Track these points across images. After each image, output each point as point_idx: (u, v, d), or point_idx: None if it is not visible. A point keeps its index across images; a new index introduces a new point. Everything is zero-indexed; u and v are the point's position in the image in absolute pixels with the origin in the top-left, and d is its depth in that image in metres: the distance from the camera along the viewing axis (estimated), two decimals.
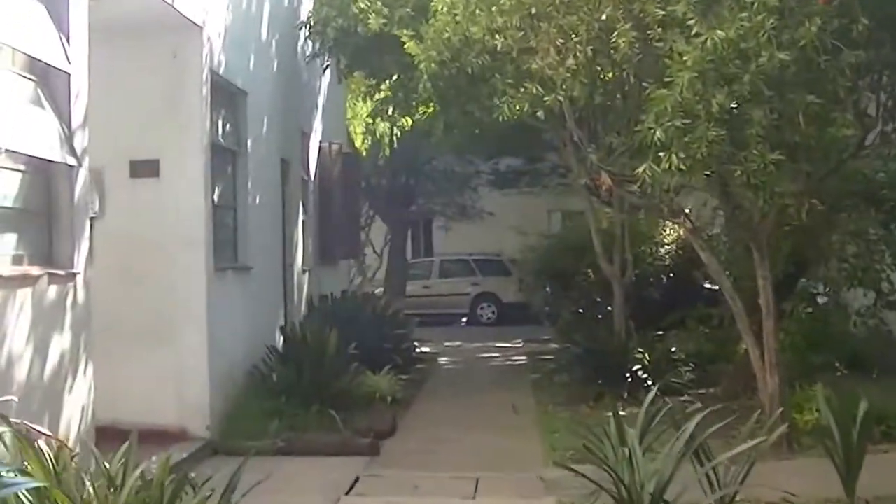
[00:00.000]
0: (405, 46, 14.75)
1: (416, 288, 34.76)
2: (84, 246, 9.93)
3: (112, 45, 12.67)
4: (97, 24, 12.33)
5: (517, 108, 13.28)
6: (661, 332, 17.76)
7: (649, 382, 16.23)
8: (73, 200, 9.76)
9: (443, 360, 23.40)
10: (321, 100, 20.81)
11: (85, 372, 9.90)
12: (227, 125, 14.67)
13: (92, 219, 12.62)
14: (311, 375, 14.41)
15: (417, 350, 20.94)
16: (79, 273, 9.75)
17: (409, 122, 30.50)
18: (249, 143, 15.17)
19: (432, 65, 14.24)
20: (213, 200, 13.64)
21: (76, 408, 9.62)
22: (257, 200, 15.50)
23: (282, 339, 15.67)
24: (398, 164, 28.89)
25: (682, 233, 20.09)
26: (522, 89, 12.73)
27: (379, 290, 28.73)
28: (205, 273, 12.90)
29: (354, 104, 29.81)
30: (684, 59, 9.69)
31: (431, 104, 17.78)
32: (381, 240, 36.45)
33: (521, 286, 34.43)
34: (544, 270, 20.92)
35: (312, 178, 19.69)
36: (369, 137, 32.56)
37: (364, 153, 31.97)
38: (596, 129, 14.40)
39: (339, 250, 20.56)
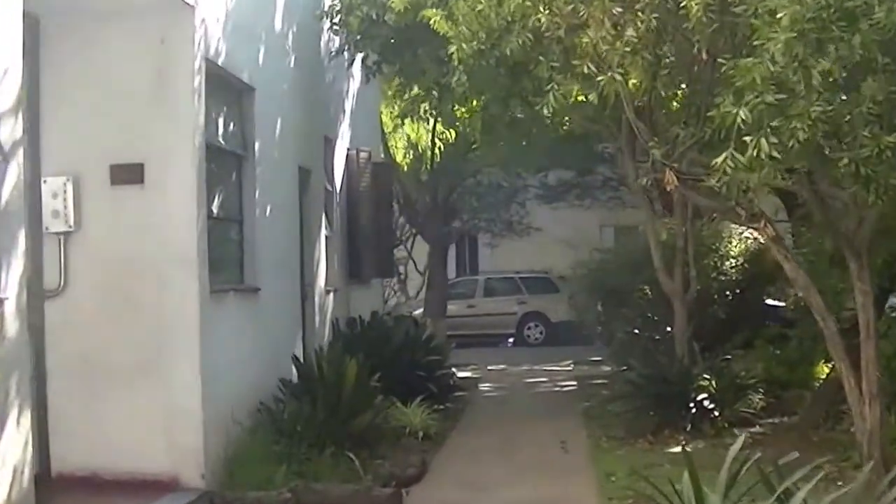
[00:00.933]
0: (433, 24, 12.39)
1: (459, 307, 32.57)
2: (15, 264, 7.80)
3: (85, 29, 10.68)
4: (66, 3, 10.37)
5: (564, 96, 11.04)
6: (728, 357, 15.41)
7: (716, 413, 14.21)
8: None
9: (485, 386, 21.11)
10: (349, 103, 18.64)
11: (18, 422, 7.75)
12: (230, 125, 12.55)
13: (66, 234, 10.80)
14: (326, 412, 12.25)
15: (456, 376, 18.73)
16: (6, 299, 7.59)
17: (453, 134, 28.93)
18: (258, 146, 13.03)
19: (465, 49, 11.89)
20: (210, 211, 11.56)
21: (5, 470, 7.47)
22: (268, 212, 13.37)
23: (296, 370, 13.41)
24: (440, 179, 26.67)
25: (750, 243, 17.87)
26: (571, 74, 10.56)
27: (418, 311, 26.48)
28: (198, 296, 10.76)
29: (391, 111, 27.86)
30: (778, 16, 7.45)
31: (468, 101, 15.42)
32: (424, 257, 34.43)
33: (571, 304, 32.54)
34: (596, 287, 18.64)
35: (338, 188, 17.53)
36: (411, 151, 30.61)
37: (406, 168, 30.08)
38: (657, 119, 12.17)
39: (369, 269, 18.36)
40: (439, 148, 28.86)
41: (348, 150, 17.99)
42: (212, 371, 10.90)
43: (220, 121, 12.18)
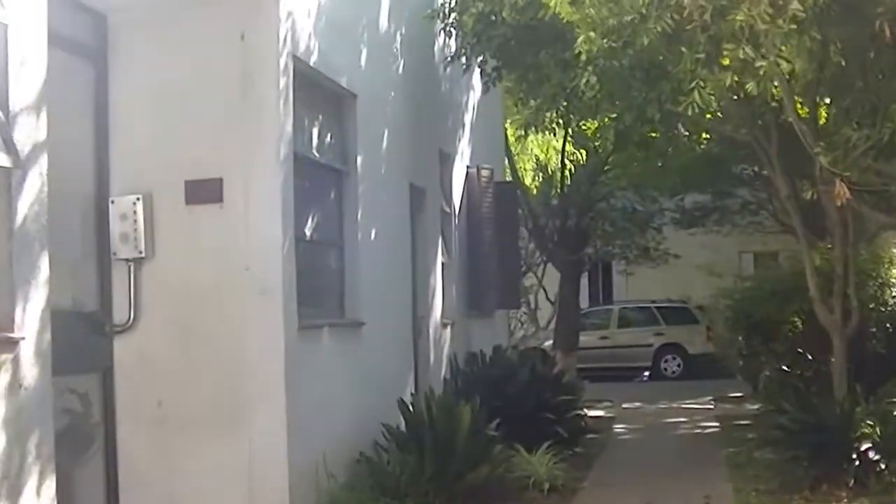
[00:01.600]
0: (554, 6, 10.47)
1: (592, 339, 30.69)
2: (36, 297, 6.21)
3: (154, 26, 9.16)
4: None
5: (711, 93, 9.22)
6: (894, 400, 13.30)
7: (882, 465, 12.19)
8: (12, 223, 6.03)
9: (619, 427, 19.07)
10: (469, 116, 16.91)
11: (38, 492, 6.16)
12: (327, 136, 10.96)
13: (136, 260, 9.28)
14: (435, 464, 10.53)
15: (587, 417, 16.85)
16: (22, 339, 6.01)
17: (584, 154, 27.20)
18: (360, 160, 11.42)
19: (593, 40, 10.02)
20: (301, 234, 9.96)
21: None
22: (373, 236, 11.75)
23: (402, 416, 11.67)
24: (570, 203, 24.89)
25: None
26: (718, 66, 8.75)
27: (548, 344, 24.61)
28: (282, 331, 9.17)
29: (515, 127, 26.19)
30: None
31: (598, 109, 13.58)
32: (556, 286, 32.61)
33: (711, 336, 30.47)
34: (740, 319, 16.53)
35: (457, 210, 15.82)
36: (540, 174, 28.97)
37: (534, 191, 28.49)
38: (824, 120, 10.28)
39: (492, 299, 16.55)
40: (570, 169, 27.34)
41: (468, 168, 16.27)
42: (300, 417, 9.31)
43: (315, 131, 10.59)
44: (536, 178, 29.26)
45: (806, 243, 13.88)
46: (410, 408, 11.33)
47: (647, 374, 31.15)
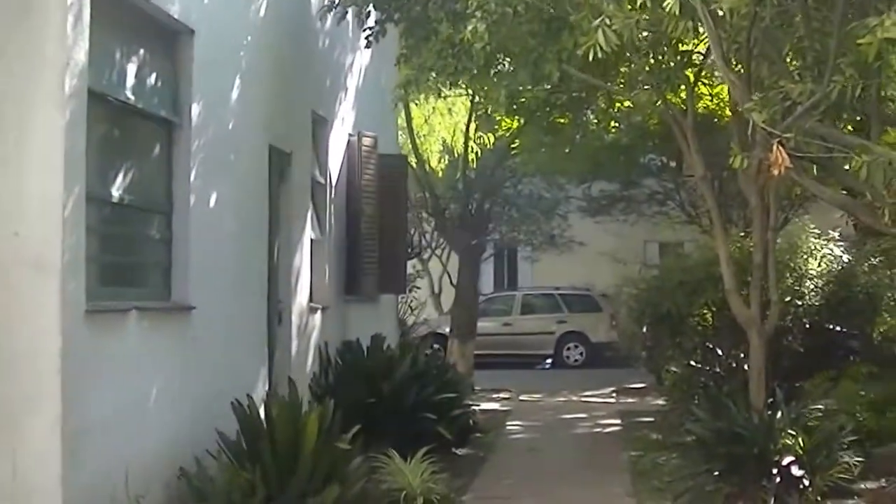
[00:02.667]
0: None
1: (495, 325, 28.36)
2: None
3: None
4: None
5: (618, 31, 6.85)
6: (819, 407, 11.00)
7: (806, 481, 10.09)
8: None
9: (513, 424, 16.50)
10: (354, 80, 14.30)
11: None
12: (150, 76, 8.34)
13: None
14: (275, 482, 8.05)
15: (476, 415, 14.43)
16: None
17: (491, 139, 24.93)
18: (196, 110, 8.84)
19: None
20: (105, 193, 7.49)
21: None
22: (213, 202, 9.21)
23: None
24: (473, 186, 22.50)
25: (832, 260, 13.51)
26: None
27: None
28: (58, 315, 6.59)
29: (424, 103, 23.80)
30: None
31: (488, 65, 11.09)
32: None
33: (614, 325, 28.29)
34: (646, 309, 14.07)
35: (334, 182, 13.26)
36: (446, 156, 26.59)
37: (440, 173, 26.14)
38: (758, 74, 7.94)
39: (373, 282, 13.97)
40: (476, 153, 25.04)
41: (350, 135, 13.73)
42: (87, 425, 6.82)
43: (130, 67, 7.98)
44: (443, 160, 26.84)
45: (721, 229, 11.53)
46: (247, 411, 8.78)
47: (549, 361, 28.88)
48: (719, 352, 13.71)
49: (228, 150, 9.63)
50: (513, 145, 23.55)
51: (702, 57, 14.24)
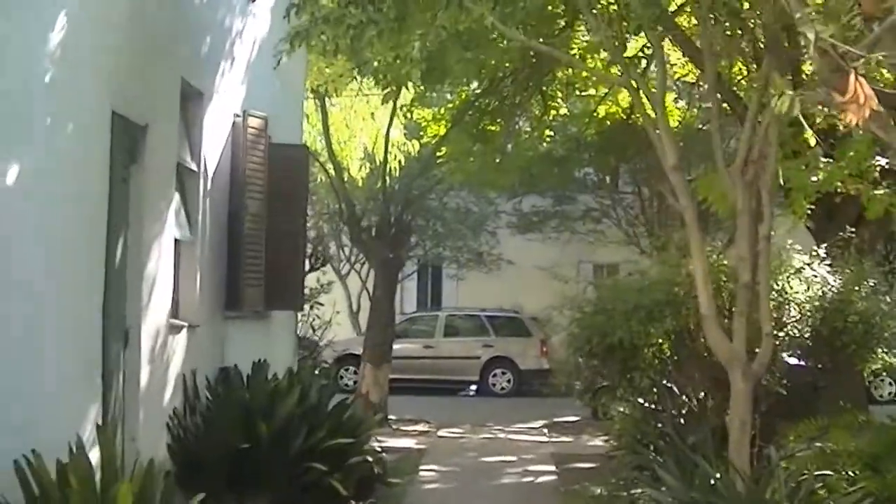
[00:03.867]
0: None
1: (416, 348, 25.58)
2: None
3: None
4: None
5: None
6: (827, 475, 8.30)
7: None
8: None
9: (428, 469, 13.42)
10: (245, 51, 11.32)
11: None
12: None
13: None
14: None
15: (382, 460, 11.52)
16: None
17: (416, 146, 22.47)
18: None
19: None
20: None
21: None
22: (10, 182, 6.33)
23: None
24: (396, 196, 19.81)
25: (826, 285, 10.85)
26: None
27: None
28: None
29: (343, 105, 21.18)
30: None
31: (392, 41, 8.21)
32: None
33: (545, 351, 25.62)
34: (593, 337, 11.23)
35: (211, 171, 10.34)
36: (367, 164, 23.87)
37: (360, 182, 23.46)
38: None
39: (258, 295, 10.99)
40: (399, 160, 22.41)
41: (235, 116, 10.84)
42: None
43: None
44: (364, 168, 24.06)
45: (697, 236, 8.76)
46: (34, 475, 5.86)
47: (473, 388, 26.05)
48: (679, 392, 11.03)
49: (42, 110, 6.76)
50: (439, 153, 20.89)
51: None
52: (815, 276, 10.76)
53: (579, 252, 28.18)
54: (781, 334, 10.50)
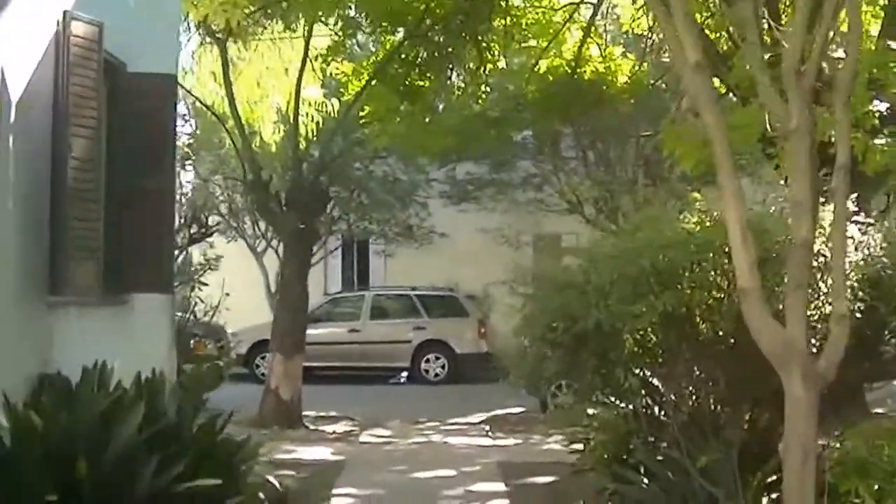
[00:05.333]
0: None
1: (340, 332, 22.44)
2: None
3: None
4: None
5: None
6: None
7: None
8: None
9: (343, 494, 9.88)
10: None
11: None
12: None
13: None
14: None
15: (284, 483, 8.36)
16: None
17: (335, 105, 19.64)
18: None
19: None
20: None
21: None
22: None
23: None
24: (307, 157, 16.71)
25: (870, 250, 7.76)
26: None
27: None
28: None
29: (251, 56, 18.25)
30: None
31: None
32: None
33: (483, 332, 22.55)
34: (559, 321, 8.03)
35: (16, 96, 7.02)
36: (281, 126, 20.85)
37: (274, 147, 20.48)
38: None
39: (94, 272, 7.58)
40: (317, 122, 19.46)
41: (59, 22, 7.48)
42: None
43: None
44: (277, 131, 20.90)
45: (728, 167, 5.61)
46: None
47: (405, 376, 22.84)
48: (674, 396, 7.94)
49: None
50: (361, 113, 17.91)
51: None
52: (857, 237, 7.72)
53: (519, 223, 25.10)
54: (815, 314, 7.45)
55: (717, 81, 13.85)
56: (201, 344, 16.55)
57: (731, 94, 13.45)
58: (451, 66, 17.15)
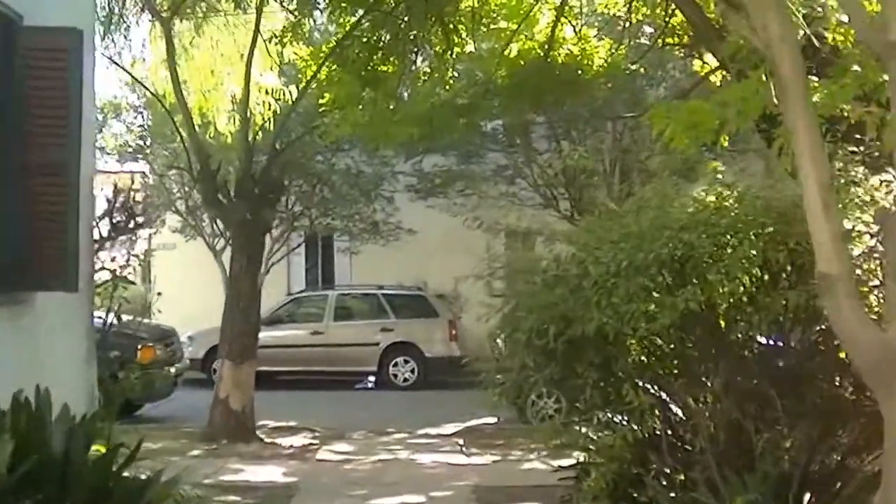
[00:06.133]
0: None
1: (301, 335, 20.71)
2: None
3: None
4: None
5: None
6: None
7: None
8: None
9: None
10: None
11: None
12: None
13: None
14: None
15: None
16: None
17: (292, 92, 17.93)
18: None
19: None
20: None
21: None
22: None
23: None
24: (258, 143, 15.04)
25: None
26: None
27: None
28: None
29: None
30: None
31: None
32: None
33: (454, 334, 20.87)
34: (551, 323, 6.37)
35: None
36: (236, 116, 18.97)
37: (229, 138, 18.66)
38: None
39: None
40: (274, 110, 17.70)
41: None
42: None
43: None
44: (232, 121, 19.11)
45: (805, 116, 3.99)
46: None
47: (371, 380, 21.09)
48: (695, 418, 6.29)
49: None
50: (321, 101, 16.36)
51: None
52: None
53: (488, 218, 23.38)
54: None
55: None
56: (148, 349, 14.84)
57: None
58: (415, 49, 15.62)
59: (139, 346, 14.61)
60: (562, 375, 6.44)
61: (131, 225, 9.49)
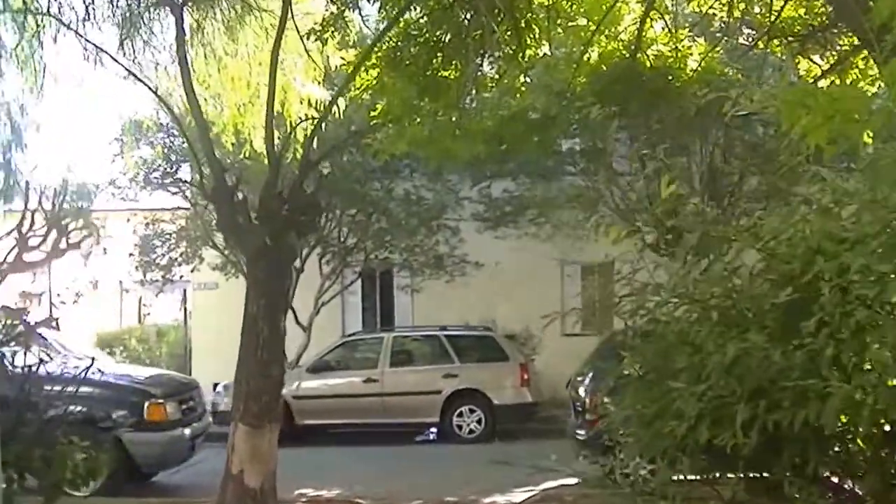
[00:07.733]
0: None
1: (354, 384, 17.62)
2: None
3: None
4: None
5: None
6: None
7: None
8: None
9: None
10: None
11: None
12: None
13: None
14: None
15: None
16: None
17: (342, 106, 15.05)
18: None
19: None
20: None
21: None
22: None
23: None
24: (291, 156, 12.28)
25: None
26: None
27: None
28: None
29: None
30: None
31: None
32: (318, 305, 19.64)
33: (527, 379, 17.75)
34: (725, 398, 3.36)
35: None
36: (279, 132, 16.19)
37: (264, 158, 15.87)
38: None
39: None
40: (311, 118, 14.92)
41: None
42: None
43: None
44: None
45: None
46: None
47: (433, 431, 17.94)
48: None
49: None
50: (373, 113, 13.77)
51: None
52: None
53: (561, 250, 20.34)
54: None
55: None
56: (157, 407, 11.89)
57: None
58: (482, 50, 12.84)
59: (147, 403, 11.72)
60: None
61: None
